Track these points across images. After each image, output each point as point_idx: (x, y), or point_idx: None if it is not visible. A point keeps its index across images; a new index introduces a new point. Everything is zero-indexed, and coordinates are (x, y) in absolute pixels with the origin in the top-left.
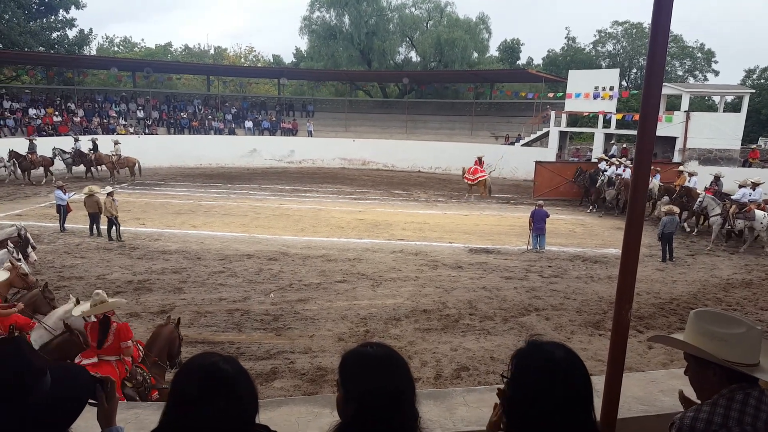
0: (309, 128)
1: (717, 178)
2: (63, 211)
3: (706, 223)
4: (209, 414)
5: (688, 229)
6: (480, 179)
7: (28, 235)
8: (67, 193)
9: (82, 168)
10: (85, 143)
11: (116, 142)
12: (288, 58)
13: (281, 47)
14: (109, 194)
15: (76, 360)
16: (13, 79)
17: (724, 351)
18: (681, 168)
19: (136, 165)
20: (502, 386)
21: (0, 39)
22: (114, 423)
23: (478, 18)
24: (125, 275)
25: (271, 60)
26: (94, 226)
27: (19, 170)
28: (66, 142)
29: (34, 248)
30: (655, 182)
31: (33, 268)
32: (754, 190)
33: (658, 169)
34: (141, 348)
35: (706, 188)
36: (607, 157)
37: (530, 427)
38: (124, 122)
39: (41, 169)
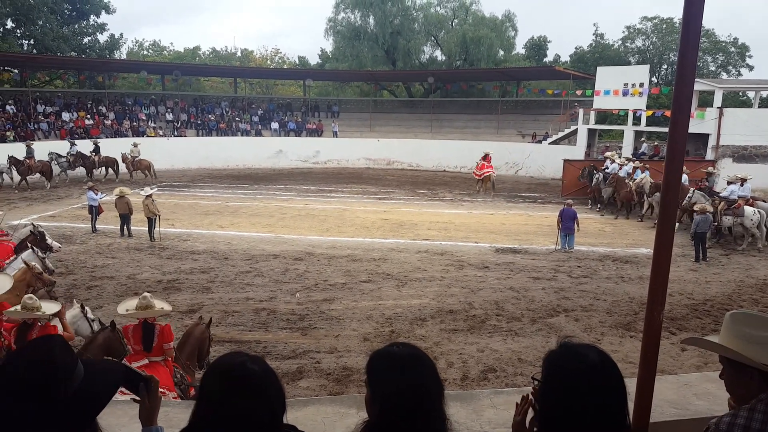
0: (334, 129)
1: (709, 175)
2: (94, 212)
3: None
4: (237, 413)
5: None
6: (485, 174)
7: (41, 229)
8: (98, 194)
9: (78, 172)
10: (85, 147)
11: (135, 144)
12: (313, 60)
13: (307, 49)
14: (148, 196)
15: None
16: (47, 83)
17: (762, 354)
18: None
19: (151, 168)
20: (530, 389)
21: (34, 44)
22: (155, 422)
23: (504, 16)
24: (155, 275)
25: (297, 62)
26: (125, 227)
27: (17, 175)
28: (63, 146)
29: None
30: (646, 178)
31: (57, 257)
32: (742, 185)
33: (647, 166)
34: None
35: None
36: (610, 156)
37: (563, 431)
38: (153, 125)
39: (34, 175)
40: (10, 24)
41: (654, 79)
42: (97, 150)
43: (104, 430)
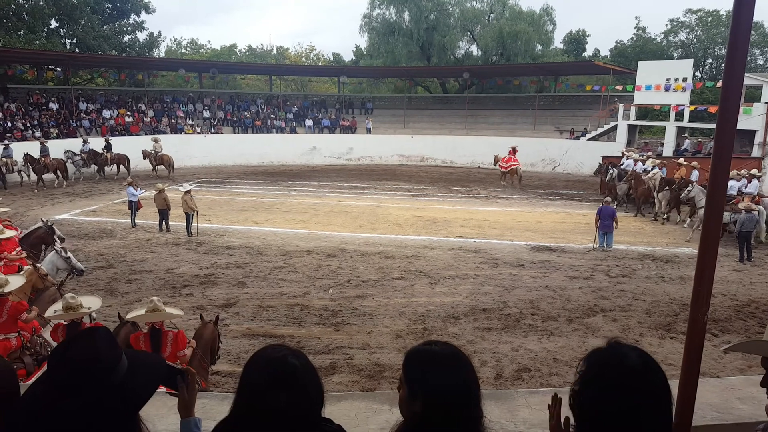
0: (368, 125)
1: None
2: (134, 207)
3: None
4: (278, 406)
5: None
6: (512, 167)
7: (54, 227)
8: (138, 190)
9: (92, 169)
10: (97, 144)
11: (156, 140)
12: (348, 56)
13: (341, 45)
14: (187, 192)
15: None
16: (88, 81)
17: None
18: (681, 160)
19: (171, 162)
20: (567, 389)
21: (76, 43)
22: (193, 413)
23: (542, 10)
24: (192, 269)
25: (331, 58)
26: (163, 222)
27: (33, 174)
28: (77, 144)
29: (62, 239)
30: (657, 174)
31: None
32: (750, 182)
33: (665, 163)
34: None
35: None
36: (626, 152)
37: None
38: (191, 122)
39: (49, 174)
40: (53, 24)
41: (698, 73)
42: (108, 147)
43: (144, 422)
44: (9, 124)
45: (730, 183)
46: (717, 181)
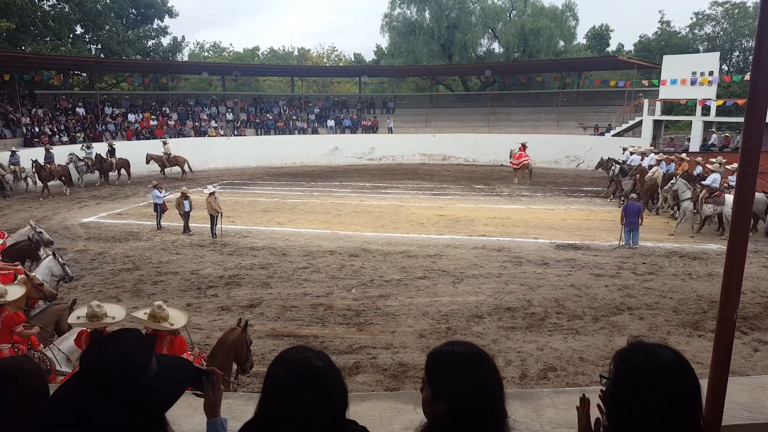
0: (389, 125)
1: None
2: (159, 209)
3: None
4: (302, 407)
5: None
6: (523, 162)
7: (43, 232)
8: (162, 192)
9: (95, 175)
10: (101, 149)
11: (165, 142)
12: (369, 56)
13: (362, 46)
14: (211, 194)
15: None
16: (114, 86)
17: None
18: (683, 155)
19: (186, 164)
20: (592, 388)
21: (101, 48)
22: (219, 414)
23: (565, 5)
24: (217, 270)
25: (353, 59)
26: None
27: (39, 181)
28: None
29: (50, 243)
30: (659, 170)
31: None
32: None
33: (672, 158)
34: (203, 360)
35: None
36: (632, 149)
37: None
38: (214, 124)
39: (55, 181)
40: (79, 30)
41: (725, 67)
42: (112, 152)
43: (170, 424)
44: (37, 129)
45: (713, 176)
46: (745, 176)
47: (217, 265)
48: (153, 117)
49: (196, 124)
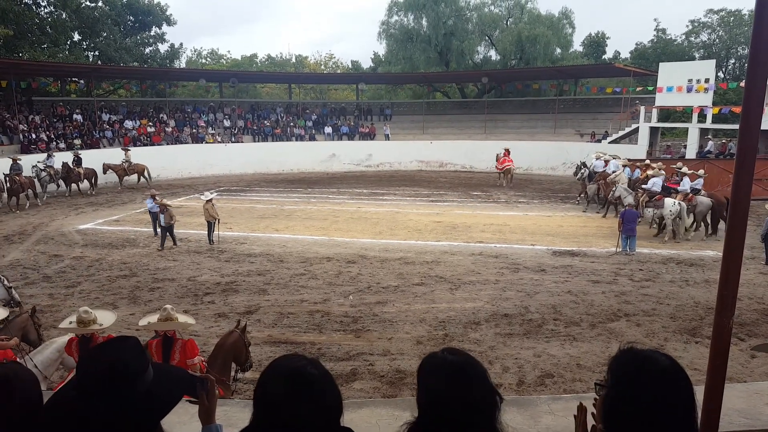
0: (386, 132)
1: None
2: (154, 217)
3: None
4: (296, 416)
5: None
6: (506, 167)
7: (11, 287)
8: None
9: (54, 186)
10: (62, 158)
11: (126, 150)
12: (366, 64)
13: (360, 53)
14: (209, 200)
15: None
16: (111, 92)
17: None
18: (647, 162)
19: (145, 171)
20: (590, 395)
21: (99, 55)
22: (214, 420)
23: (561, 13)
24: (214, 277)
25: (350, 66)
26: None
27: (5, 195)
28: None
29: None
30: (623, 177)
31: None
32: (681, 179)
33: (638, 164)
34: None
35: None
36: (596, 154)
37: None
38: (212, 131)
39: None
40: (76, 36)
41: (720, 74)
42: (78, 161)
43: (167, 431)
44: (34, 136)
45: (653, 180)
46: (741, 183)
47: (214, 271)
48: (150, 124)
49: (194, 130)
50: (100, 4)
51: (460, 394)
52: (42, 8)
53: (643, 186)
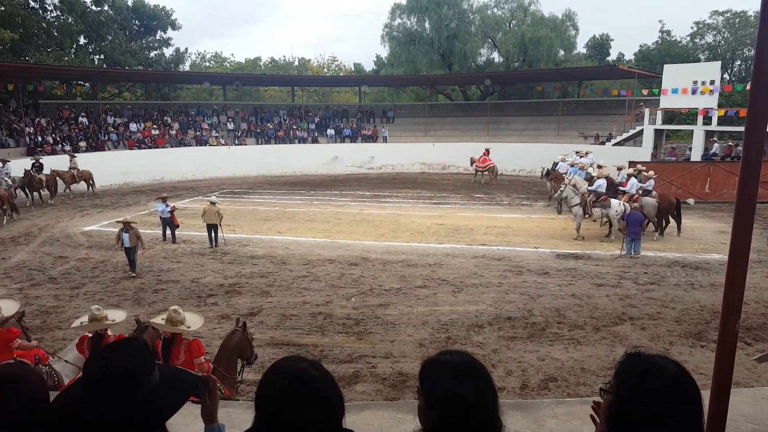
0: (384, 134)
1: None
2: (165, 223)
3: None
4: (298, 418)
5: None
6: (489, 166)
7: None
8: (168, 205)
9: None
10: (20, 165)
11: (72, 156)
12: (369, 66)
13: (362, 55)
14: (212, 203)
15: None
16: (116, 95)
17: None
18: (601, 162)
19: (91, 178)
20: (593, 400)
21: (104, 59)
22: (216, 420)
23: (565, 15)
24: (217, 279)
25: (353, 68)
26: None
27: None
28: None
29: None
30: (575, 178)
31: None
32: (628, 179)
33: (602, 166)
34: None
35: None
36: (561, 156)
37: None
38: (216, 134)
39: None
40: (82, 40)
41: (726, 76)
42: (39, 168)
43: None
44: (40, 139)
45: (598, 182)
46: (746, 184)
47: (217, 273)
48: (155, 126)
49: (198, 133)
50: (105, 8)
51: (466, 394)
52: (48, 12)
53: (589, 188)
